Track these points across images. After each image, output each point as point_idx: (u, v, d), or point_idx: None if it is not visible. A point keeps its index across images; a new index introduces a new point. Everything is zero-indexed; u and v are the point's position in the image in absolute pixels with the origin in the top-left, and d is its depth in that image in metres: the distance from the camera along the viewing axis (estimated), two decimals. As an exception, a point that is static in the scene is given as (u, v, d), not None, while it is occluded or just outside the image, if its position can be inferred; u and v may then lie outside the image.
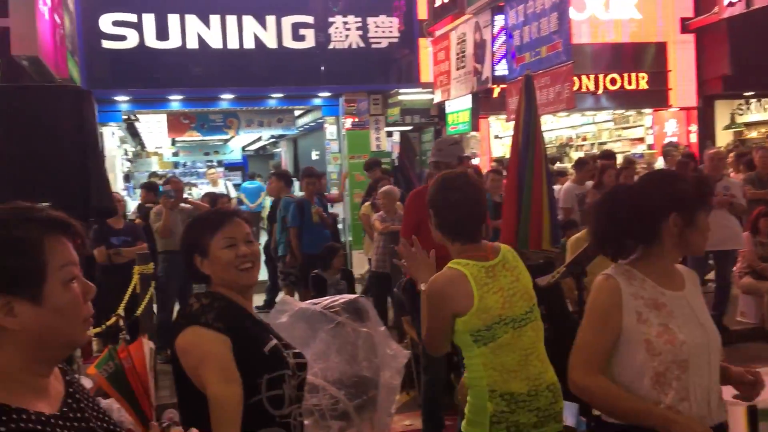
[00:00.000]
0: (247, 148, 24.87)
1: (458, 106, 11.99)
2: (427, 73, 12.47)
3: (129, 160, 19.61)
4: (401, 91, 12.38)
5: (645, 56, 13.55)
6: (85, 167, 3.15)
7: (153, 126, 14.30)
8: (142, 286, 6.43)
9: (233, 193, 12.84)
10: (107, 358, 4.77)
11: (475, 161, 12.61)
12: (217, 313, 2.16)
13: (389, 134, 13.03)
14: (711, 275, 8.01)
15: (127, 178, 17.54)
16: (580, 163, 8.50)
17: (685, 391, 2.14)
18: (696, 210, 2.16)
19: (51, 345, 1.27)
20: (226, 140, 22.58)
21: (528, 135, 5.49)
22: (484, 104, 11.94)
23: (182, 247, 2.32)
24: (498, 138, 13.87)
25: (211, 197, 8.77)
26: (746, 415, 3.12)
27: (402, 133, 13.64)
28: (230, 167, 23.18)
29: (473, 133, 11.98)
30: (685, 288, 2.27)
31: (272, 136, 19.34)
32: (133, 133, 17.85)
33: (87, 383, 4.92)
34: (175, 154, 22.82)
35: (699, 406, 2.17)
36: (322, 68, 11.77)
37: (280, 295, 8.47)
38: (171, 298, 7.48)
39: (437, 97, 12.22)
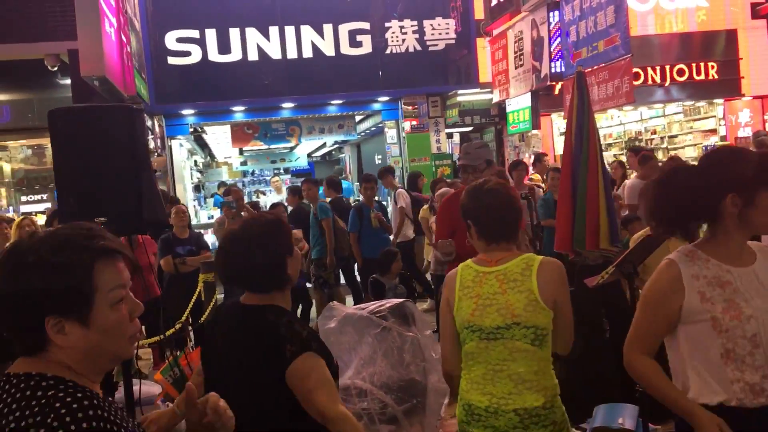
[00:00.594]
0: (313, 155, 25.24)
1: (518, 105, 11.86)
2: (485, 73, 12.40)
3: (199, 170, 20.25)
4: (460, 92, 12.34)
5: (714, 45, 13.06)
6: (138, 182, 3.29)
7: (220, 137, 14.70)
8: (206, 293, 6.65)
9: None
10: (171, 365, 4.97)
11: (538, 159, 12.45)
12: (318, 340, 2.21)
13: (449, 136, 13.00)
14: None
15: (198, 188, 18.12)
16: (645, 159, 8.27)
17: (765, 367, 2.10)
18: (756, 190, 2.10)
19: (98, 359, 1.39)
20: (292, 148, 22.99)
21: (582, 132, 5.37)
22: (545, 102, 11.76)
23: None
24: (563, 135, 13.64)
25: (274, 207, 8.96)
26: None
27: (463, 134, 13.59)
28: (297, 174, 23.56)
29: (534, 132, 11.81)
30: (756, 262, 2.21)
31: (336, 142, 19.57)
32: (202, 144, 18.42)
33: (156, 389, 5.15)
34: (243, 164, 23.34)
35: None
36: (380, 73, 11.86)
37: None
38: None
39: (496, 97, 12.12)
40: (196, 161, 18.56)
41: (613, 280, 4.80)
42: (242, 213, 7.85)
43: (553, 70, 9.76)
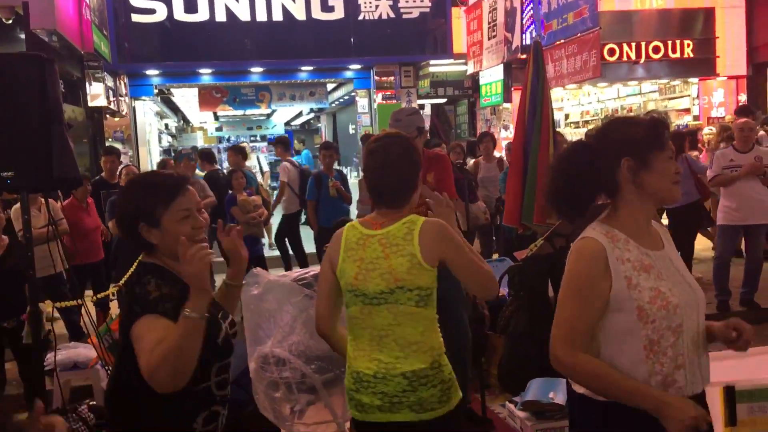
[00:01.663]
0: (292, 123, 24.99)
1: (491, 78, 11.71)
2: (459, 44, 12.20)
3: (171, 134, 19.95)
4: (433, 62, 12.15)
5: (692, 22, 12.94)
6: (48, 136, 3.13)
7: (191, 100, 14.42)
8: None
9: (265, 167, 12.87)
10: (105, 330, 4.84)
11: (507, 133, 12.34)
12: (174, 306, 1.99)
13: (421, 107, 12.83)
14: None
15: (168, 152, 17.83)
16: None
17: (682, 357, 1.99)
18: (649, 151, 1.99)
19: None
20: (268, 115, 22.74)
21: (535, 105, 5.26)
22: (518, 75, 11.60)
23: (124, 209, 2.14)
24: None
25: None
26: (723, 395, 2.93)
27: (437, 106, 13.42)
28: (274, 142, 23.33)
29: (505, 105, 11.67)
30: (665, 246, 2.10)
31: (312, 110, 19.33)
32: (174, 108, 18.10)
33: (91, 353, 5.02)
34: (219, 129, 23.09)
35: (692, 373, 2.02)
36: (352, 40, 11.62)
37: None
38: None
39: (470, 68, 11.95)
40: (167, 125, 18.25)
41: (551, 252, 4.75)
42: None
43: (524, 42, 9.59)
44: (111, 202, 6.85)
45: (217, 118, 22.37)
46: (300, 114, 22.01)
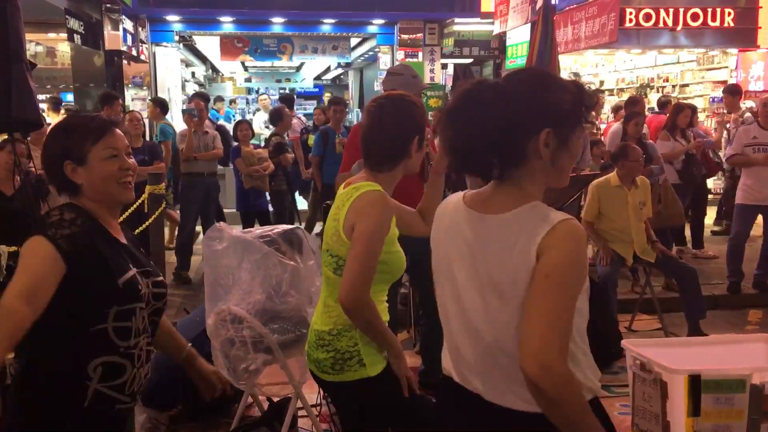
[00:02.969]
0: (323, 77, 24.72)
1: (518, 39, 11.31)
2: (488, 2, 11.79)
3: (199, 83, 19.86)
4: (458, 21, 11.78)
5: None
6: (6, 76, 3.03)
7: (216, 49, 14.27)
8: (151, 205, 6.46)
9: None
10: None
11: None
12: (72, 233, 1.99)
13: (443, 66, 12.51)
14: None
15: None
16: (631, 102, 7.83)
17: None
18: (573, 127, 1.66)
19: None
20: (298, 68, 22.49)
21: (542, 65, 5.03)
22: (545, 37, 11.21)
23: (50, 151, 2.12)
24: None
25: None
26: (687, 384, 2.77)
27: (464, 66, 13.06)
28: (305, 96, 23.09)
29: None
30: None
31: (339, 65, 19.05)
32: (203, 57, 17.97)
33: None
34: (248, 80, 22.94)
35: None
36: (376, -8, 11.32)
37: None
38: (191, 221, 7.50)
39: (497, 28, 11.58)
40: (194, 73, 18.16)
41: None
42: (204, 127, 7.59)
43: (550, 2, 9.19)
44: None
45: (246, 68, 22.21)
46: (328, 69, 21.71)
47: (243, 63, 19.30)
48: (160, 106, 8.51)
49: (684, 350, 3.28)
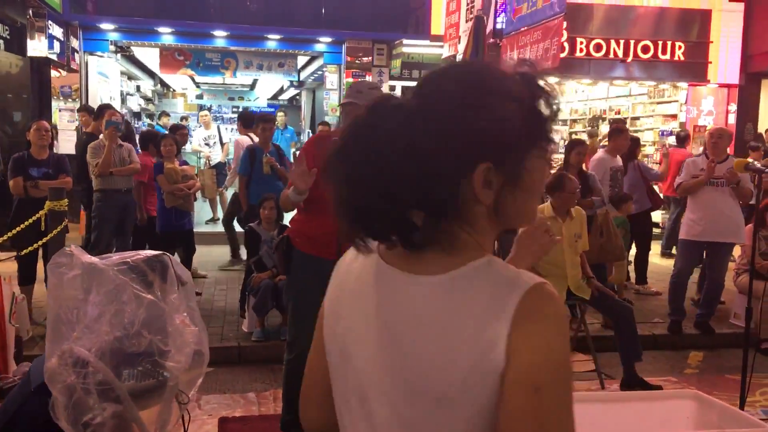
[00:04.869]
0: (279, 98, 24.26)
1: (467, 63, 11.04)
2: (438, 25, 11.52)
3: (147, 98, 19.22)
4: (407, 42, 11.47)
5: (686, 24, 12.26)
6: None
7: (153, 61, 13.73)
8: (51, 223, 5.90)
9: (225, 138, 12.21)
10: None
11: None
12: None
13: (392, 89, 12.18)
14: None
15: (139, 116, 17.13)
16: (616, 131, 7.32)
17: None
18: (525, 152, 1.08)
19: None
20: (251, 86, 22.02)
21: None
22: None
23: None
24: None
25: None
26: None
27: (407, 89, 12.75)
28: (238, 117, 22.58)
29: (478, 93, 11.02)
30: None
31: (292, 85, 18.63)
32: (151, 72, 17.36)
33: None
34: (200, 97, 22.39)
35: None
36: (323, 11, 10.96)
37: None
38: (103, 241, 6.94)
39: (446, 51, 11.28)
40: (139, 87, 17.53)
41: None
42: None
43: (495, 26, 8.94)
44: (15, 159, 6.23)
45: (197, 85, 21.67)
46: (282, 89, 21.33)
47: (193, 79, 18.75)
48: (90, 113, 7.96)
49: (599, 408, 2.87)
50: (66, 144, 10.06)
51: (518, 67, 1.10)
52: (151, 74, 18.04)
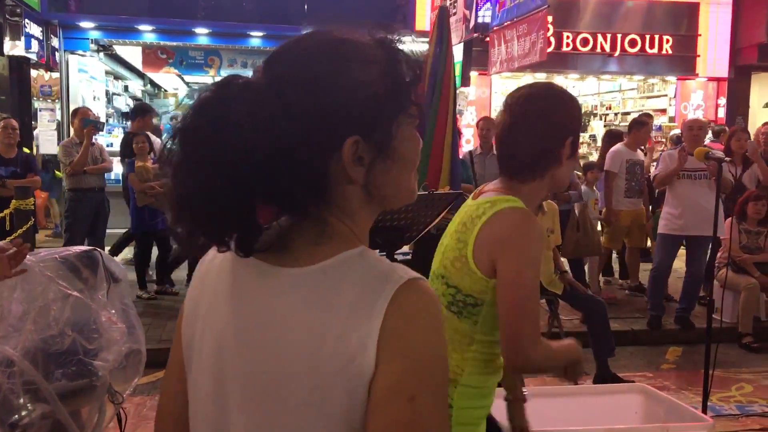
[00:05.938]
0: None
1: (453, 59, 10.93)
2: (423, 21, 11.42)
3: (136, 98, 19.10)
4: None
5: (674, 17, 12.18)
6: None
7: (135, 59, 13.63)
8: (16, 222, 5.81)
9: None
10: None
11: (466, 119, 11.61)
12: None
13: (376, 84, 12.10)
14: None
15: (127, 116, 16.98)
16: (637, 123, 7.10)
17: None
18: (392, 120, 0.98)
19: None
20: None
21: (436, 76, 4.61)
22: (480, 58, 10.84)
23: None
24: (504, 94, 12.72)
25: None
26: None
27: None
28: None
29: (462, 89, 10.90)
30: None
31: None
32: (138, 71, 17.23)
33: None
34: (190, 96, 22.28)
35: None
36: (306, 7, 10.86)
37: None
38: (77, 241, 6.85)
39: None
40: (127, 87, 17.40)
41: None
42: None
43: (478, 20, 8.84)
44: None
45: (188, 84, 21.54)
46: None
47: (183, 78, 18.62)
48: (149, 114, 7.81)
49: (549, 402, 2.79)
50: (46, 144, 9.97)
51: (374, 32, 1.01)
52: (140, 74, 17.92)
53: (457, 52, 10.53)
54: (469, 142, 10.98)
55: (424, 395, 0.89)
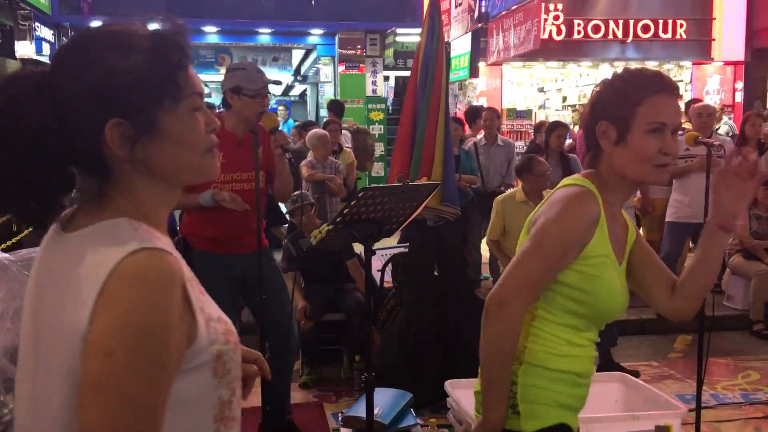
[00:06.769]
0: (290, 93, 24.23)
1: (460, 50, 10.88)
2: (431, 12, 11.38)
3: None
4: (399, 31, 11.33)
5: (687, 1, 11.95)
6: None
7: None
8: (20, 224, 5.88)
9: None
10: None
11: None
12: None
13: (385, 78, 12.06)
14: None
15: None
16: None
17: None
18: (156, 104, 1.07)
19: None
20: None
21: (428, 65, 4.60)
22: (485, 49, 10.74)
23: None
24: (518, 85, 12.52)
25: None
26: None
27: (401, 78, 12.63)
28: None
29: (470, 80, 10.83)
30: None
31: (297, 80, 18.59)
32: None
33: None
34: (208, 95, 22.47)
35: None
36: (313, 2, 10.87)
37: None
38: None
39: (439, 39, 11.12)
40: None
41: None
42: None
43: (482, 10, 8.77)
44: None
45: (206, 84, 21.73)
46: (288, 86, 21.32)
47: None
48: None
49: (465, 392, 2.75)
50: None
51: (149, 23, 1.14)
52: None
53: (465, 43, 10.48)
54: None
55: (123, 354, 0.95)
